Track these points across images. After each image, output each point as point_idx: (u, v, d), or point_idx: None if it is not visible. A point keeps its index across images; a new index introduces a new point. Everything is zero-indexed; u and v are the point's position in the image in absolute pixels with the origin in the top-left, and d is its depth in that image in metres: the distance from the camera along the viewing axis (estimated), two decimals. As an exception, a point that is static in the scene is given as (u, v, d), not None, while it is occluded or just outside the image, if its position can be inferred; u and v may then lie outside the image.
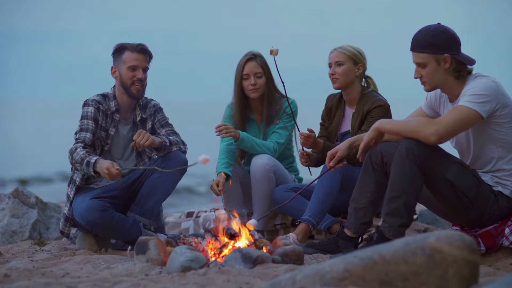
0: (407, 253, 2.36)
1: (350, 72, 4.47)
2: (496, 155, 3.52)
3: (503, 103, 3.43)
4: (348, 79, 4.48)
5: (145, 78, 4.34)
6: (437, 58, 3.47)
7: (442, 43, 3.46)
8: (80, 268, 3.47)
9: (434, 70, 3.49)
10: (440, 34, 3.46)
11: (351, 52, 4.47)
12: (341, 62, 4.45)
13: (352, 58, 4.47)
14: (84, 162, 4.09)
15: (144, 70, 4.33)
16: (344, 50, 4.48)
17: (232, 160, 4.64)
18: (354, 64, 4.48)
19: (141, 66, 4.31)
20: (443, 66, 3.48)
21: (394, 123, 3.48)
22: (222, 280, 2.91)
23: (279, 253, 3.34)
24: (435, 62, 3.48)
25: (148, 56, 4.36)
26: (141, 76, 4.30)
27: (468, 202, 3.46)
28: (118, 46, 4.34)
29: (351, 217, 3.81)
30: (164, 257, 3.38)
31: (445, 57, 3.47)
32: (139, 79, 4.30)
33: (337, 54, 4.48)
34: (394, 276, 2.34)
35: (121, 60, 4.32)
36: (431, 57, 3.47)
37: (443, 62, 3.47)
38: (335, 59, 4.47)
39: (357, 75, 4.50)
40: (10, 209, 5.25)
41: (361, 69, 4.50)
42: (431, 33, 3.48)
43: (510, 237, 3.47)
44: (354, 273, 2.36)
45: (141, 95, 4.36)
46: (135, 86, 4.31)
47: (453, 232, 2.41)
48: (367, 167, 3.73)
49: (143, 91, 4.36)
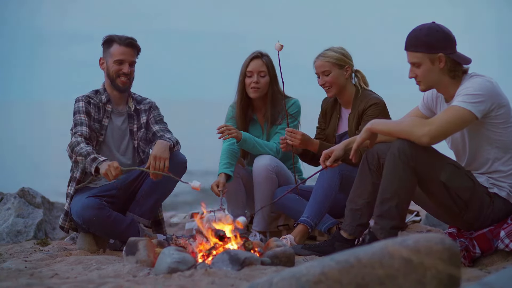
0: (384, 256, 2.30)
1: (339, 78, 4.41)
2: (492, 156, 3.44)
3: (498, 103, 3.35)
4: (340, 85, 4.43)
5: (132, 72, 4.35)
6: (431, 57, 3.40)
7: (437, 42, 3.39)
8: (71, 268, 3.46)
9: (429, 69, 3.42)
10: (435, 33, 3.39)
11: (334, 57, 4.39)
12: (327, 71, 4.40)
13: (337, 64, 4.40)
14: (90, 156, 4.07)
15: (131, 64, 4.34)
16: (326, 58, 4.39)
17: (234, 160, 4.60)
18: (340, 69, 4.41)
19: (128, 60, 4.33)
20: (438, 66, 3.41)
21: (386, 124, 3.42)
22: (206, 282, 2.88)
23: (269, 255, 3.30)
24: (429, 61, 3.41)
25: (136, 50, 4.37)
26: (127, 70, 4.32)
27: (463, 204, 3.39)
28: (107, 38, 4.36)
29: (348, 219, 3.76)
30: (153, 258, 3.36)
31: (440, 56, 3.40)
32: (125, 73, 4.32)
33: (321, 63, 4.41)
34: (370, 280, 2.28)
35: (109, 52, 4.34)
36: (426, 56, 3.41)
37: (438, 62, 3.40)
38: (321, 69, 4.42)
39: (347, 77, 4.44)
40: (16, 208, 5.27)
41: (348, 70, 4.44)
42: (425, 32, 3.40)
43: (505, 240, 3.39)
44: (330, 276, 2.31)
45: (127, 88, 4.38)
46: (120, 79, 4.33)
47: (433, 235, 2.35)
48: (363, 168, 3.67)
49: (129, 84, 4.38)
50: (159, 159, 4.03)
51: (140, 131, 4.42)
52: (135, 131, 4.42)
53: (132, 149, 4.44)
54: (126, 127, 4.43)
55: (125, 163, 4.40)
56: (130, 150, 4.44)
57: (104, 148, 4.38)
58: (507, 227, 3.40)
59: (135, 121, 4.42)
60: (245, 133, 4.56)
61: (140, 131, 4.42)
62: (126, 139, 4.42)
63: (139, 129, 4.42)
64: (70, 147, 4.19)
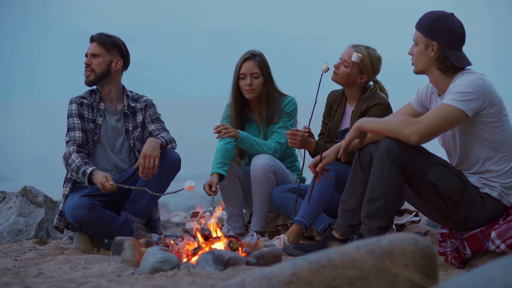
0: (356, 257, 2.25)
1: (352, 77, 4.31)
2: (483, 155, 3.36)
3: (490, 102, 3.28)
4: (347, 81, 4.34)
5: (96, 63, 4.35)
6: (427, 42, 3.39)
7: (437, 31, 3.36)
8: (58, 268, 3.45)
9: (421, 52, 3.41)
10: (440, 22, 3.37)
11: (362, 59, 4.26)
12: (348, 64, 4.31)
13: (360, 67, 4.31)
14: (80, 171, 4.12)
15: (91, 56, 4.35)
16: (358, 54, 4.20)
17: (228, 160, 4.56)
18: (359, 72, 4.32)
19: (89, 52, 4.37)
20: (430, 53, 3.38)
21: (375, 122, 3.36)
22: (187, 282, 2.85)
23: (255, 255, 3.25)
24: (424, 44, 3.40)
25: (99, 42, 4.37)
26: (85, 61, 4.36)
27: (452, 205, 3.32)
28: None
29: (340, 219, 3.71)
30: (139, 257, 3.33)
31: (433, 44, 3.37)
32: (85, 64, 4.36)
33: (350, 55, 4.29)
34: (341, 281, 2.24)
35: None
36: (423, 39, 3.40)
37: (430, 49, 3.38)
38: (346, 58, 4.31)
39: (359, 82, 4.35)
40: (18, 207, 5.28)
41: (364, 79, 4.35)
42: (433, 18, 3.40)
43: (496, 241, 3.31)
44: (301, 277, 2.27)
45: (91, 80, 4.37)
46: (85, 72, 4.37)
47: (407, 235, 2.29)
48: (356, 168, 3.62)
49: (94, 76, 4.36)
50: (148, 158, 4.01)
51: (136, 130, 4.40)
52: (131, 130, 4.40)
53: (128, 148, 4.42)
54: (122, 126, 4.41)
55: (120, 162, 4.39)
56: (126, 149, 4.42)
57: (99, 148, 4.37)
58: (498, 228, 3.33)
59: (130, 120, 4.40)
60: (242, 132, 4.52)
61: (136, 130, 4.40)
62: (121, 138, 4.40)
63: (135, 128, 4.40)
64: (65, 159, 4.25)
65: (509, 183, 3.38)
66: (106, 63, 4.35)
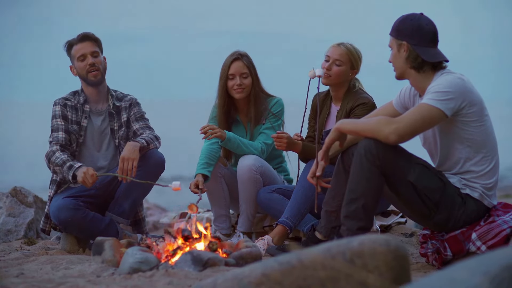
0: (327, 258, 2.25)
1: (345, 74, 4.33)
2: (464, 155, 3.36)
3: (470, 101, 3.27)
4: (340, 80, 4.35)
5: (98, 62, 4.34)
6: (398, 43, 3.43)
7: (405, 30, 3.40)
8: (40, 268, 3.44)
9: (395, 55, 3.45)
10: (407, 21, 3.40)
11: (353, 55, 4.32)
12: (340, 61, 4.31)
13: (351, 62, 4.33)
14: (66, 165, 4.09)
15: (93, 55, 4.33)
16: (348, 51, 4.30)
17: (213, 160, 4.54)
18: (351, 68, 4.34)
19: (88, 51, 4.32)
20: (402, 53, 3.42)
21: (354, 123, 3.35)
22: (164, 282, 2.84)
23: (235, 256, 3.25)
24: (396, 47, 3.44)
25: (93, 41, 4.35)
26: (91, 61, 4.31)
27: (432, 205, 3.31)
28: (66, 45, 4.39)
29: (323, 220, 3.70)
30: (119, 258, 3.33)
31: (403, 44, 3.40)
32: (90, 64, 4.31)
33: (340, 52, 4.31)
34: (312, 282, 2.23)
35: (72, 56, 4.37)
36: (394, 41, 3.45)
37: (403, 49, 3.41)
38: (336, 56, 4.31)
39: (349, 78, 4.37)
40: (7, 208, 5.28)
41: (354, 75, 4.38)
42: (401, 19, 3.44)
43: (477, 243, 3.30)
44: (271, 277, 2.26)
45: (100, 79, 4.36)
46: (90, 73, 4.32)
47: (378, 236, 2.29)
48: (338, 169, 3.60)
49: (101, 74, 4.36)
50: (127, 161, 4.02)
51: (121, 129, 4.39)
52: (116, 130, 4.39)
53: (114, 148, 4.41)
54: (107, 126, 4.40)
55: (105, 163, 4.39)
56: (111, 150, 4.41)
57: (84, 150, 4.36)
58: (479, 229, 3.32)
59: (115, 120, 4.40)
60: (229, 132, 4.51)
61: (121, 129, 4.39)
62: (107, 139, 4.40)
63: (119, 128, 4.40)
64: (47, 157, 4.21)
65: (489, 184, 3.37)
66: (103, 61, 4.38)
